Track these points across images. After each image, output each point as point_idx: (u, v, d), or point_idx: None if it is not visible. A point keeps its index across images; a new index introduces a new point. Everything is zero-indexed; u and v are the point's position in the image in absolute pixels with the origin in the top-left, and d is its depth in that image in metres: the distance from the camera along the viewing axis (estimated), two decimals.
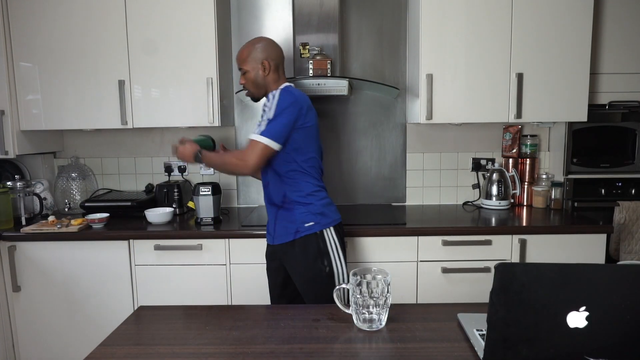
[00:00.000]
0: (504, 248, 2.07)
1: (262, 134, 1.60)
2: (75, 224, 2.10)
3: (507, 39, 2.18)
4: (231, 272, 2.08)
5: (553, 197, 2.43)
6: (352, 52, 2.55)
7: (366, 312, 1.08)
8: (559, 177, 2.44)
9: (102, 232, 2.08)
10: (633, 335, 0.83)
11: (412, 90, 2.41)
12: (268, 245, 1.84)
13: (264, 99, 1.78)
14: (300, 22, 2.33)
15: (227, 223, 2.21)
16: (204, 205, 2.18)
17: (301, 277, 1.71)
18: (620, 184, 2.36)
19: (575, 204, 2.37)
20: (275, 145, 1.61)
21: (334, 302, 1.15)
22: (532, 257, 2.07)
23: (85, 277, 2.10)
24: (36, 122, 2.28)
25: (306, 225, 1.69)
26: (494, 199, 2.46)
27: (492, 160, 2.60)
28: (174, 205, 2.40)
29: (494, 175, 2.46)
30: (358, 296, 1.08)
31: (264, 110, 1.66)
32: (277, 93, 1.65)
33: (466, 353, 0.98)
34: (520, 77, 2.20)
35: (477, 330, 1.06)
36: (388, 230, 2.04)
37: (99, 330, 2.10)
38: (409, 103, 2.50)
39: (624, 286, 0.81)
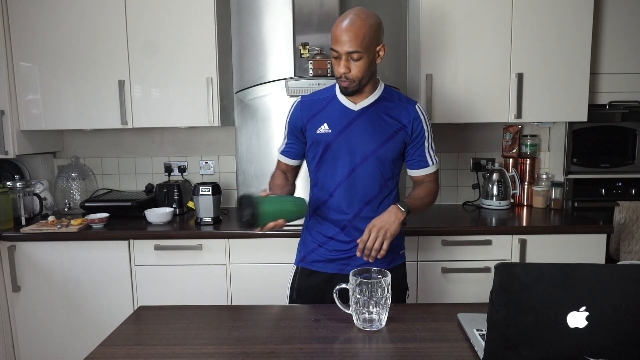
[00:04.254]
0: (504, 248, 2.07)
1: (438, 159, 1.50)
2: (75, 224, 2.10)
3: (507, 39, 2.18)
4: (231, 272, 2.08)
5: (553, 197, 2.43)
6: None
7: (366, 312, 1.08)
8: (559, 177, 2.44)
9: (102, 232, 2.08)
10: (633, 335, 0.83)
11: (412, 90, 2.40)
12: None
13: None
14: (300, 22, 2.33)
15: (227, 223, 2.21)
16: (204, 205, 2.18)
17: None
18: (620, 184, 2.36)
19: (575, 204, 2.37)
20: None
21: (334, 302, 1.15)
22: (532, 257, 2.07)
23: (85, 277, 2.10)
24: (36, 122, 2.28)
25: (401, 252, 1.55)
26: (494, 199, 2.46)
27: (492, 160, 2.60)
28: (174, 205, 2.40)
29: (494, 175, 2.46)
30: (358, 296, 1.08)
31: (424, 129, 1.43)
32: (420, 107, 1.44)
33: (466, 353, 0.98)
34: (520, 77, 2.20)
35: (477, 330, 1.06)
36: None
37: (98, 330, 2.10)
38: None
39: (624, 286, 0.81)
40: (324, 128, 1.41)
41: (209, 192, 2.17)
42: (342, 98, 1.43)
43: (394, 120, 1.41)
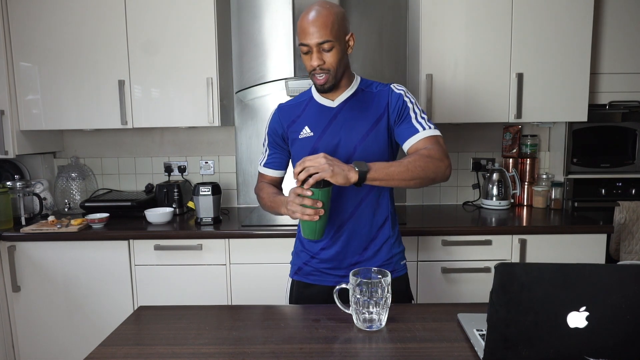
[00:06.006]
0: (504, 248, 2.07)
1: (436, 127, 1.34)
2: (75, 224, 2.10)
3: (507, 39, 2.18)
4: (231, 272, 2.08)
5: (553, 197, 2.43)
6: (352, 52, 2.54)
7: (366, 312, 1.08)
8: (559, 177, 2.44)
9: (102, 232, 2.08)
10: (633, 335, 0.83)
11: (412, 90, 2.40)
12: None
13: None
14: None
15: (227, 223, 2.21)
16: (204, 205, 2.18)
17: None
18: (620, 184, 2.36)
19: (576, 204, 2.37)
20: None
21: (334, 302, 1.15)
22: (532, 257, 2.07)
23: (85, 277, 2.10)
24: (36, 122, 2.28)
25: (402, 263, 1.48)
26: (494, 199, 2.46)
27: (492, 160, 2.60)
28: (174, 205, 2.40)
29: (494, 175, 2.46)
30: (358, 296, 1.08)
31: (406, 101, 1.35)
32: (395, 85, 1.38)
33: (466, 353, 0.98)
34: (520, 77, 2.20)
35: (477, 330, 1.06)
36: None
37: (98, 331, 2.10)
38: None
39: (624, 286, 0.81)
40: (306, 132, 1.36)
41: (209, 192, 2.17)
42: (319, 98, 1.38)
43: (374, 108, 1.36)
